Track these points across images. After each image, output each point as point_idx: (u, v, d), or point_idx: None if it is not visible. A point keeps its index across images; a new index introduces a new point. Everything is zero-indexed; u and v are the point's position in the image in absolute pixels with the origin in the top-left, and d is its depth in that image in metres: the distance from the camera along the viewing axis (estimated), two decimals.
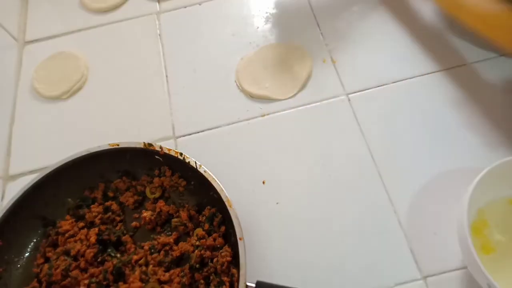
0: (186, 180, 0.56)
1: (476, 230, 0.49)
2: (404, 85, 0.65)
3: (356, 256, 0.52)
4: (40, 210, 0.54)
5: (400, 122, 0.61)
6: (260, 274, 0.48)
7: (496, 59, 0.65)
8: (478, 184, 0.46)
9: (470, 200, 0.45)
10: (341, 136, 0.61)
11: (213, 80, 0.69)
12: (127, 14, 0.79)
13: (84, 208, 0.55)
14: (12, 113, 0.69)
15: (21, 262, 0.52)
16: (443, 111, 0.62)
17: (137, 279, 0.48)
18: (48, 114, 0.69)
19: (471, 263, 0.43)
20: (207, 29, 0.75)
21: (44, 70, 0.73)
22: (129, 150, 0.55)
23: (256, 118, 0.64)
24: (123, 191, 0.57)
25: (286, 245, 0.54)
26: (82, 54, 0.74)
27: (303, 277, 0.52)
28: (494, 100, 0.62)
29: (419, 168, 0.57)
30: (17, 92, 0.72)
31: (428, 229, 0.53)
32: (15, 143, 0.66)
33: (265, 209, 0.57)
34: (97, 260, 0.51)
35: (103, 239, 0.52)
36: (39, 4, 0.82)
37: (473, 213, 0.49)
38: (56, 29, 0.78)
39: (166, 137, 0.64)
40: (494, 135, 0.59)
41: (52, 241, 0.53)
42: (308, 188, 0.58)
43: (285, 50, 0.70)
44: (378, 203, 0.56)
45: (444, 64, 0.66)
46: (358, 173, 0.58)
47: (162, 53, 0.73)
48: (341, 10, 0.74)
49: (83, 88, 0.71)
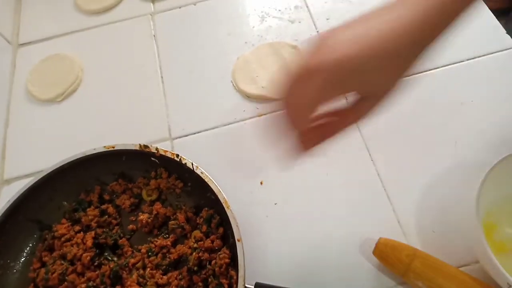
0: (183, 181, 0.56)
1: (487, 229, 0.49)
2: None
3: (356, 256, 0.52)
4: (35, 214, 0.54)
5: (397, 119, 0.61)
6: (259, 275, 0.48)
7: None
8: (485, 182, 0.45)
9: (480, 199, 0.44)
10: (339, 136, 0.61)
11: (209, 81, 0.69)
12: (122, 15, 0.78)
13: (80, 212, 0.55)
14: (7, 116, 0.69)
15: (18, 267, 0.52)
16: (441, 108, 0.62)
17: (135, 283, 0.48)
18: (43, 117, 0.68)
19: (487, 263, 0.43)
20: (203, 29, 0.75)
21: (38, 72, 0.72)
22: (125, 152, 0.55)
23: (252, 118, 0.64)
24: (120, 193, 0.57)
25: (285, 246, 0.54)
26: (77, 56, 0.74)
27: (302, 278, 0.51)
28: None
29: (418, 167, 0.57)
30: (11, 95, 0.71)
31: (426, 227, 0.53)
32: (9, 147, 0.66)
33: (263, 210, 0.56)
34: (94, 264, 0.51)
35: (100, 242, 0.52)
36: (33, 6, 0.82)
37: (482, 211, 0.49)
38: (50, 31, 0.78)
39: (162, 139, 0.64)
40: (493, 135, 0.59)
41: (48, 245, 0.53)
42: (306, 188, 0.57)
43: (281, 50, 0.70)
44: (376, 201, 0.56)
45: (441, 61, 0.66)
46: (356, 172, 0.58)
47: (157, 54, 0.72)
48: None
49: (77, 90, 0.71)
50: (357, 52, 0.31)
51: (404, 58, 0.34)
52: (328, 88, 0.33)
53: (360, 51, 0.31)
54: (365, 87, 0.35)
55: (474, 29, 0.67)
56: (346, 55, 0.31)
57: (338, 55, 0.31)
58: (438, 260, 0.48)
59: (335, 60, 0.31)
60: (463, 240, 0.51)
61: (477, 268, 0.49)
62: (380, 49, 0.32)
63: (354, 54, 0.31)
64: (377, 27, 0.32)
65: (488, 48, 0.66)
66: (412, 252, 0.48)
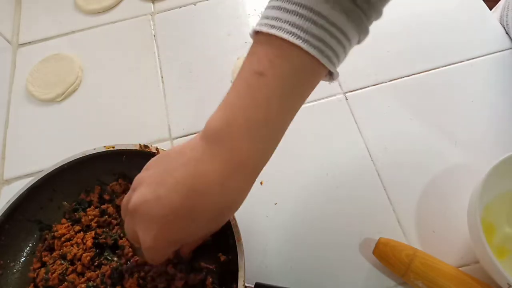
0: None
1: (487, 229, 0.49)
2: (402, 83, 0.65)
3: (355, 256, 0.52)
4: (35, 214, 0.53)
5: (397, 120, 0.61)
6: (259, 275, 0.48)
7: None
8: (485, 182, 0.45)
9: (480, 199, 0.44)
10: (339, 135, 0.61)
11: (209, 81, 0.69)
12: (122, 15, 0.78)
13: (80, 212, 0.55)
14: (7, 117, 0.69)
15: (17, 267, 0.52)
16: (441, 108, 0.62)
17: (135, 284, 0.48)
18: (43, 117, 0.68)
19: (487, 263, 0.43)
20: (203, 29, 0.75)
21: (38, 72, 0.72)
22: (125, 152, 0.54)
23: None
24: (120, 193, 0.56)
25: (285, 246, 0.54)
26: (77, 56, 0.74)
27: (302, 278, 0.51)
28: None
29: (417, 167, 0.57)
30: (11, 95, 0.71)
31: (426, 227, 0.53)
32: (9, 147, 0.66)
33: (263, 210, 0.56)
34: (94, 264, 0.51)
35: (100, 242, 0.52)
36: (33, 6, 0.82)
37: (482, 211, 0.49)
38: (50, 31, 0.78)
39: (162, 139, 0.64)
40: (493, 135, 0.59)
41: (48, 245, 0.53)
42: (306, 188, 0.57)
43: None
44: (376, 201, 0.56)
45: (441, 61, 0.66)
46: (356, 172, 0.58)
47: (157, 54, 0.72)
48: None
49: (78, 90, 0.71)
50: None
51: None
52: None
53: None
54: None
55: (474, 29, 0.67)
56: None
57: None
58: (438, 260, 0.48)
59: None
60: (463, 240, 0.51)
61: (477, 268, 0.49)
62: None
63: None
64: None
65: (488, 48, 0.66)
66: (412, 252, 0.48)
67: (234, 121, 0.33)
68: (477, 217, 0.43)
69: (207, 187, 0.32)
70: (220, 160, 0.32)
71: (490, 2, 0.73)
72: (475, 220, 0.43)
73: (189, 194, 0.32)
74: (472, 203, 0.45)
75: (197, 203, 0.32)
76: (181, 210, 0.32)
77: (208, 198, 0.32)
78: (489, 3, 0.71)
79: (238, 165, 0.32)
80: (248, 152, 0.32)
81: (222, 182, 0.32)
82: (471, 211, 0.45)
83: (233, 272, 0.43)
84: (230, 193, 0.33)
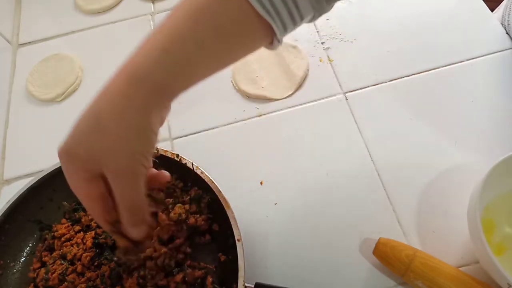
0: (183, 181, 0.55)
1: (487, 229, 0.49)
2: (402, 83, 0.65)
3: (356, 256, 0.52)
4: (35, 214, 0.53)
5: (397, 120, 0.61)
6: (259, 275, 0.48)
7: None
8: (485, 182, 0.45)
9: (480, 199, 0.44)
10: (339, 135, 0.61)
11: (209, 81, 0.68)
12: (122, 15, 0.78)
13: (80, 212, 0.55)
14: (7, 117, 0.69)
15: (18, 267, 0.52)
16: (441, 108, 0.62)
17: (134, 284, 0.48)
18: (43, 117, 0.68)
19: (487, 263, 0.43)
20: None
21: (38, 72, 0.72)
22: None
23: (253, 118, 0.64)
24: None
25: (285, 246, 0.54)
26: (77, 56, 0.74)
27: (302, 278, 0.51)
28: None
29: (417, 167, 0.57)
30: (11, 95, 0.71)
31: (426, 227, 0.53)
32: (9, 147, 0.66)
33: (263, 209, 0.56)
34: (94, 264, 0.50)
35: (100, 242, 0.52)
36: (33, 6, 0.82)
37: (482, 211, 0.49)
38: (50, 31, 0.78)
39: (162, 139, 0.64)
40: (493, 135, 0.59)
41: (48, 245, 0.53)
42: (306, 188, 0.57)
43: (281, 50, 0.70)
44: (376, 201, 0.56)
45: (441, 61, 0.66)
46: (356, 172, 0.58)
47: None
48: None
49: (78, 90, 0.71)
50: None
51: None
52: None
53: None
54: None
55: (474, 29, 0.67)
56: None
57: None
58: (438, 260, 0.48)
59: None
60: (463, 240, 0.51)
61: (477, 268, 0.49)
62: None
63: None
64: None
65: (488, 48, 0.66)
66: (412, 252, 0.48)
67: (145, 40, 0.35)
68: (477, 217, 0.43)
69: (109, 102, 0.35)
70: (121, 73, 0.36)
71: (491, 2, 0.73)
72: (475, 220, 0.43)
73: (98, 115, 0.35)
74: (472, 203, 0.45)
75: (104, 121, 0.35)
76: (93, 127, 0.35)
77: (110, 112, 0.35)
78: (490, 4, 0.71)
79: (135, 76, 0.35)
80: (144, 67, 0.35)
81: (123, 92, 0.35)
82: (471, 211, 0.45)
83: (233, 272, 0.43)
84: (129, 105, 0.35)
